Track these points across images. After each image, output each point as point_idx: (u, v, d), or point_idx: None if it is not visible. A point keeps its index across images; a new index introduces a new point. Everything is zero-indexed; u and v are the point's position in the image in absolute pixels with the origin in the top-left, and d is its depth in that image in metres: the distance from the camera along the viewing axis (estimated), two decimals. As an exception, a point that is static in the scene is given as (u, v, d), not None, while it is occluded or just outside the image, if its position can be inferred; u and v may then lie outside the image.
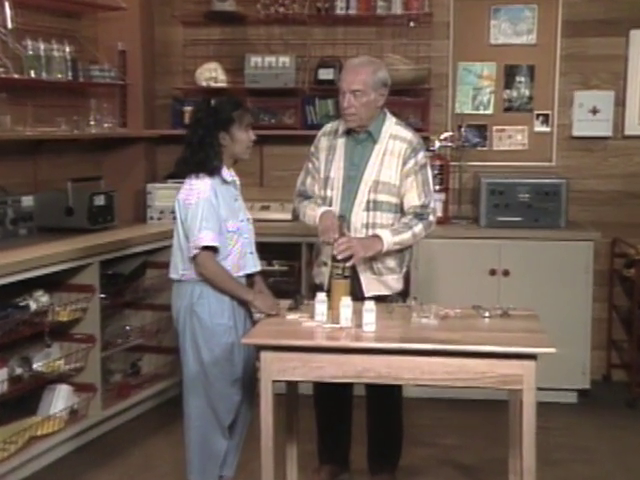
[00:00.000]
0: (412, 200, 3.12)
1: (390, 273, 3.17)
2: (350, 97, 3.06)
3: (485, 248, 4.33)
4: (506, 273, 4.31)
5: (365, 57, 3.23)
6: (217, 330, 2.92)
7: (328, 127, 3.29)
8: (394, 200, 3.13)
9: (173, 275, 2.99)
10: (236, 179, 3.05)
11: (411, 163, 3.12)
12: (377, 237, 3.05)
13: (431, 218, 3.17)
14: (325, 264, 3.18)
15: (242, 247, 2.97)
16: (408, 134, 3.17)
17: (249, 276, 3.05)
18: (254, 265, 3.05)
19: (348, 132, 3.17)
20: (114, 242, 3.90)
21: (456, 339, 2.60)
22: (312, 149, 3.29)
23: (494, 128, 4.79)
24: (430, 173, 3.20)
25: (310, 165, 3.30)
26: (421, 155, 3.15)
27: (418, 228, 3.12)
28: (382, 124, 3.16)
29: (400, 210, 3.15)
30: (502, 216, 4.44)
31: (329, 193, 3.16)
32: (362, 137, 3.16)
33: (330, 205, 3.14)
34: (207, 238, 2.82)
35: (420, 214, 3.13)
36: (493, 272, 4.31)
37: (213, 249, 2.86)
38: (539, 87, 4.73)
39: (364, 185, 3.11)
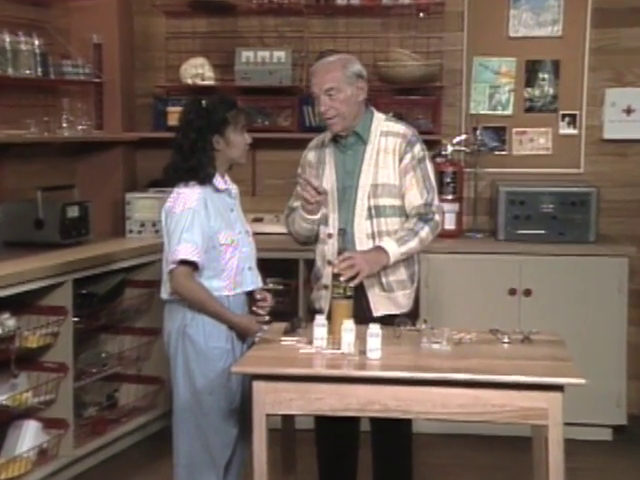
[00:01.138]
0: (414, 199, 3.15)
1: (401, 288, 3.20)
2: (325, 99, 3.10)
3: (504, 265, 4.35)
4: (528, 293, 4.33)
5: (332, 56, 3.26)
6: (212, 354, 2.94)
7: (314, 141, 3.34)
8: (397, 202, 3.16)
9: (163, 295, 3.01)
10: (232, 187, 3.08)
11: (408, 158, 3.15)
12: (381, 249, 3.07)
13: (437, 218, 3.19)
14: (326, 287, 3.19)
15: (239, 262, 2.99)
16: (401, 127, 3.21)
17: (249, 294, 3.07)
18: (253, 282, 3.07)
19: (335, 139, 3.21)
20: (89, 258, 3.91)
21: (471, 367, 2.61)
22: (299, 169, 3.33)
23: (514, 131, 4.82)
24: (430, 167, 3.22)
25: (298, 188, 3.32)
26: (418, 148, 3.18)
27: (424, 232, 3.14)
28: (370, 122, 3.19)
29: (405, 213, 3.18)
30: (523, 229, 4.46)
31: (323, 211, 3.18)
32: (351, 141, 3.19)
33: (327, 223, 3.17)
34: (185, 251, 2.84)
35: (424, 214, 3.15)
36: (513, 292, 4.33)
37: (193, 265, 2.88)
38: (565, 84, 4.76)
39: (362, 192, 3.14)
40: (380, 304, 3.16)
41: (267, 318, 3.04)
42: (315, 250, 3.29)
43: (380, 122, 3.21)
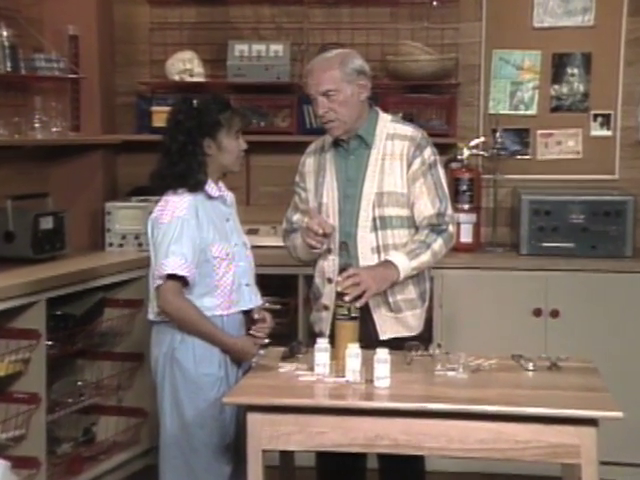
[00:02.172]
0: (424, 209, 3.16)
1: (410, 308, 3.20)
2: (323, 100, 3.11)
3: (528, 282, 4.34)
4: (555, 314, 4.33)
5: (329, 52, 3.27)
6: (204, 382, 2.93)
7: (312, 145, 3.36)
8: (405, 212, 3.17)
9: (150, 315, 3.02)
10: (227, 194, 3.09)
11: (417, 163, 3.16)
12: (390, 264, 3.08)
13: (451, 229, 3.20)
14: (326, 308, 3.20)
15: (235, 277, 2.99)
16: (408, 129, 3.22)
17: (246, 313, 3.07)
18: (251, 300, 3.07)
19: (336, 143, 3.22)
20: (64, 275, 3.91)
21: (492, 398, 2.60)
22: (297, 177, 3.35)
23: (538, 132, 4.82)
24: (442, 173, 3.23)
25: (296, 198, 3.35)
26: (428, 152, 3.19)
27: (437, 244, 3.15)
28: (375, 124, 3.21)
29: (414, 224, 3.19)
30: (549, 242, 4.46)
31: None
32: (353, 145, 3.20)
33: (331, 238, 3.15)
34: (173, 265, 2.84)
35: (437, 225, 3.16)
36: (538, 312, 4.33)
37: (182, 281, 2.88)
38: (597, 81, 4.77)
39: (366, 201, 3.15)
40: (387, 326, 3.17)
41: (266, 341, 3.04)
42: (314, 266, 3.29)
43: (386, 124, 3.22)
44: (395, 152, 3.16)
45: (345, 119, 3.12)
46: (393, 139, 3.18)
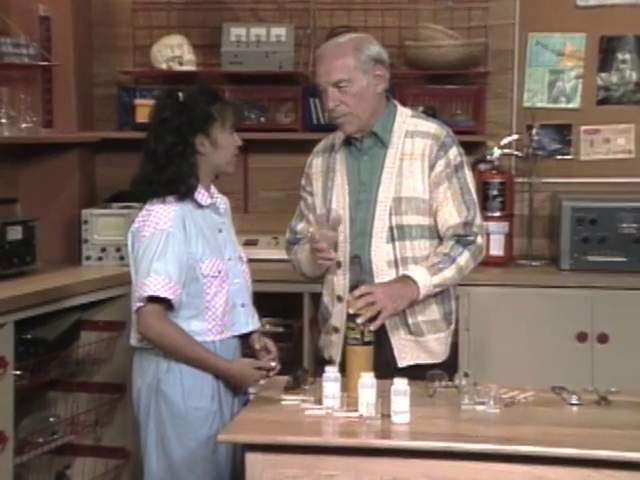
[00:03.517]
0: (449, 217, 3.16)
1: (433, 331, 3.20)
2: (334, 92, 3.11)
3: (570, 302, 4.33)
4: (603, 339, 4.31)
5: (342, 36, 3.28)
6: (194, 417, 2.93)
7: (321, 144, 3.36)
8: (426, 221, 3.17)
9: (132, 340, 3.02)
10: (220, 200, 3.10)
11: (441, 165, 3.16)
12: (408, 280, 3.07)
13: (479, 241, 3.19)
14: (336, 330, 3.20)
15: (229, 297, 3.00)
16: (431, 126, 3.22)
17: (244, 337, 3.08)
18: (248, 322, 3.07)
19: (348, 141, 3.23)
20: (35, 293, 3.91)
21: (528, 437, 2.59)
22: (302, 181, 3.36)
23: (582, 129, 4.83)
24: (470, 176, 3.23)
25: (302, 204, 3.35)
26: (454, 151, 3.19)
27: (463, 259, 3.14)
28: (392, 120, 3.21)
29: (436, 234, 3.19)
30: (595, 255, 4.46)
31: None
32: (367, 143, 3.21)
33: (336, 248, 3.16)
34: (155, 286, 2.84)
35: (464, 236, 3.16)
36: (583, 337, 4.32)
37: (165, 303, 2.87)
38: (653, 68, 4.78)
39: (381, 207, 3.15)
40: (407, 351, 3.16)
41: (273, 364, 3.03)
42: (322, 282, 3.30)
43: (405, 119, 3.22)
44: (415, 152, 3.16)
45: (359, 114, 3.13)
46: (413, 137, 3.18)
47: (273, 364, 3.05)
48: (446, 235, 3.17)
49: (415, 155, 3.16)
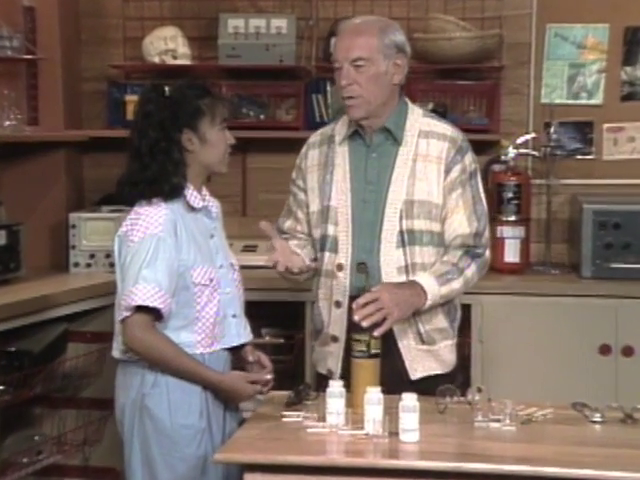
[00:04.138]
0: (458, 226, 3.17)
1: (442, 338, 3.22)
2: (349, 70, 3.11)
3: (592, 312, 4.33)
4: (628, 352, 4.31)
5: (368, 16, 3.29)
6: (181, 436, 2.92)
7: (317, 135, 3.36)
8: (436, 227, 3.18)
9: (115, 352, 3.01)
10: (212, 203, 3.09)
11: (457, 170, 3.17)
12: (417, 287, 3.07)
13: (487, 254, 3.22)
14: (335, 339, 3.19)
15: (220, 307, 2.99)
16: (447, 128, 3.23)
17: (234, 350, 3.07)
18: (238, 334, 3.07)
19: (352, 136, 3.22)
20: (19, 302, 3.91)
21: (547, 457, 2.58)
22: (293, 174, 3.36)
23: (605, 127, 4.83)
24: (481, 185, 3.25)
25: (291, 199, 3.35)
26: (470, 157, 3.21)
27: (471, 271, 3.16)
28: (404, 117, 3.21)
29: (443, 242, 3.19)
30: (619, 262, 4.45)
31: (331, 230, 3.19)
32: (378, 139, 3.20)
33: (336, 249, 3.17)
34: (144, 294, 2.83)
35: (473, 248, 3.17)
36: (606, 350, 4.31)
37: (154, 313, 2.87)
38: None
39: (391, 210, 3.15)
40: (419, 362, 3.17)
41: (269, 377, 3.02)
42: (314, 286, 3.29)
43: (418, 118, 3.23)
44: (431, 154, 3.17)
45: (370, 99, 3.12)
46: (428, 137, 3.18)
47: (269, 377, 3.04)
48: (453, 244, 3.18)
49: (430, 157, 3.17)
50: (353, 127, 3.20)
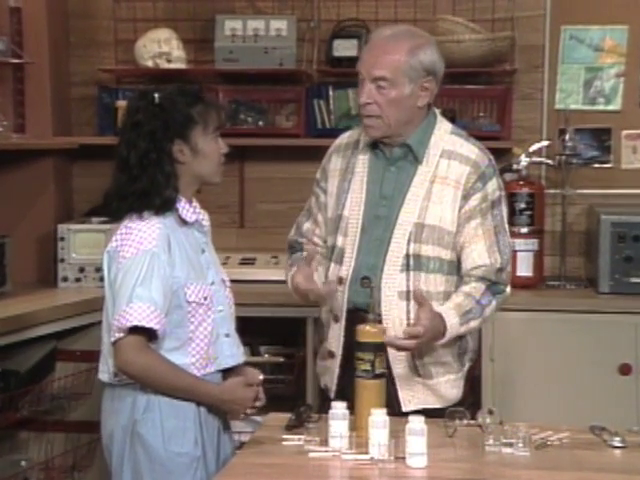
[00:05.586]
0: (478, 258, 3.13)
1: (444, 372, 3.19)
2: (371, 88, 3.10)
3: (610, 329, 4.32)
4: (648, 372, 4.31)
5: (404, 27, 3.26)
6: (176, 464, 2.90)
7: (345, 137, 3.34)
8: (447, 255, 3.15)
9: (102, 375, 2.99)
10: (202, 216, 3.09)
11: (477, 198, 3.14)
12: (440, 321, 3.01)
13: (508, 291, 3.20)
14: (332, 355, 3.19)
15: (213, 327, 2.98)
16: (472, 150, 3.20)
17: (226, 372, 3.05)
18: (232, 354, 3.05)
19: (375, 144, 3.21)
20: (5, 320, 3.90)
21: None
22: (318, 175, 3.34)
23: (623, 133, 4.84)
24: (506, 213, 3.22)
25: (313, 200, 3.34)
26: (494, 184, 3.17)
27: (490, 309, 3.15)
28: (429, 133, 3.19)
29: (455, 270, 3.17)
30: (639, 277, 4.45)
31: (340, 241, 3.18)
32: (397, 153, 3.19)
33: (341, 261, 3.16)
34: (140, 314, 2.80)
35: (495, 284, 3.14)
36: (626, 370, 4.30)
37: (148, 333, 2.85)
38: None
39: (400, 231, 3.13)
40: (413, 394, 3.15)
41: (258, 403, 3.00)
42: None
43: (444, 135, 3.19)
44: (450, 177, 3.14)
45: (390, 121, 3.10)
46: (450, 158, 3.15)
47: (261, 377, 3.00)
48: (472, 274, 3.13)
49: (449, 180, 3.13)
50: None
